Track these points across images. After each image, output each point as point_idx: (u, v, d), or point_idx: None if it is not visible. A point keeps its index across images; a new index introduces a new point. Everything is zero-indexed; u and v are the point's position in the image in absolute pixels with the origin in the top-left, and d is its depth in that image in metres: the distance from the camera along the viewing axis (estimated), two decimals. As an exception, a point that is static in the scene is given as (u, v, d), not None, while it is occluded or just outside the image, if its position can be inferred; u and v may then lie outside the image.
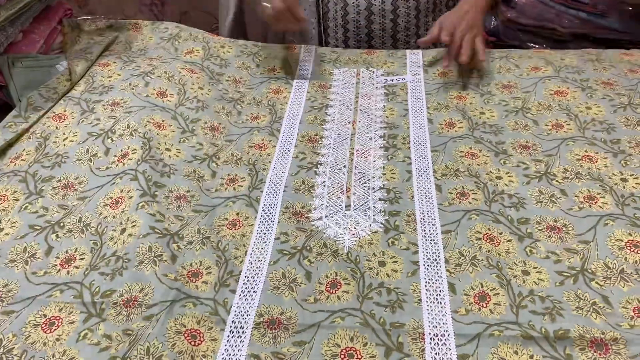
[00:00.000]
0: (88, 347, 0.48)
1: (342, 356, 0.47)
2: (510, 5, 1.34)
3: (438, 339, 0.48)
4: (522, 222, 0.60)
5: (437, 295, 0.53)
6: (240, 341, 0.49)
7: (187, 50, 0.94)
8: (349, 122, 0.80)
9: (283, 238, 0.60)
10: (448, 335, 0.49)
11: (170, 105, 0.78)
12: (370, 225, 0.61)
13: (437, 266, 0.56)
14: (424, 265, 0.56)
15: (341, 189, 0.67)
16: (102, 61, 0.89)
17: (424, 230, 0.60)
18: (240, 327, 0.50)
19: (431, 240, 0.59)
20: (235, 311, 0.52)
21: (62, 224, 0.60)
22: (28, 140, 0.73)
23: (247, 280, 0.55)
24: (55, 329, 0.50)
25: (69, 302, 0.52)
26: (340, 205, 0.64)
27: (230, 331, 0.50)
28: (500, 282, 0.53)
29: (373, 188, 0.67)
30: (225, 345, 0.49)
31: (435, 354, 0.47)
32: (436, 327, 0.50)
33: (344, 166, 0.71)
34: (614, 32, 1.54)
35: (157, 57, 0.91)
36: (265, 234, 0.60)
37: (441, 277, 0.55)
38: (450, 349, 0.48)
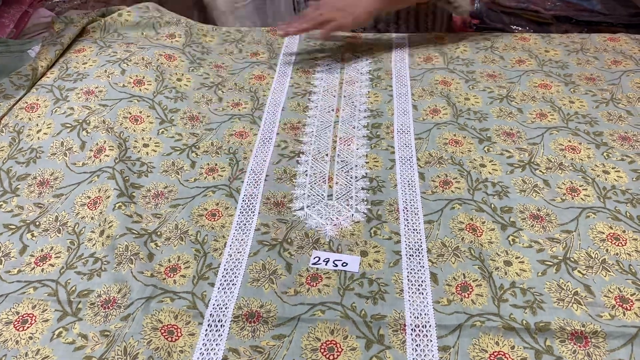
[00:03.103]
0: (62, 345, 0.47)
1: (322, 350, 0.47)
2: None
3: (419, 330, 0.48)
4: (505, 210, 0.60)
5: (419, 285, 0.52)
6: (219, 335, 0.48)
7: (169, 34, 0.91)
8: (333, 110, 0.78)
9: (263, 229, 0.59)
10: (429, 326, 0.48)
11: (147, 94, 0.76)
12: (353, 215, 0.60)
13: (419, 256, 0.55)
14: (407, 255, 0.55)
15: (323, 178, 0.66)
16: (76, 47, 0.86)
17: (407, 220, 0.59)
18: (219, 321, 0.49)
19: (414, 229, 0.58)
20: (214, 304, 0.51)
21: (37, 223, 0.59)
22: (1, 135, 0.70)
23: (227, 273, 0.54)
24: (28, 327, 0.48)
25: (42, 300, 0.51)
26: (322, 194, 0.63)
27: (208, 325, 0.49)
28: (483, 274, 0.53)
29: (355, 177, 0.66)
30: (204, 339, 0.48)
31: (417, 345, 0.47)
32: (417, 318, 0.49)
33: (327, 155, 0.69)
34: (595, 14, 1.54)
35: (135, 42, 0.89)
36: (245, 225, 0.59)
37: (423, 267, 0.54)
38: (431, 341, 0.47)
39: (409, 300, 0.51)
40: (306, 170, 0.67)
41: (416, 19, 1.02)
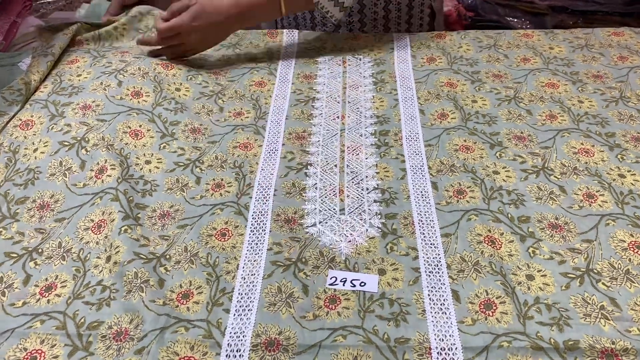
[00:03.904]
0: (75, 383, 0.45)
1: (347, 378, 0.45)
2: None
3: (445, 354, 0.47)
4: (522, 220, 0.59)
5: (441, 304, 0.51)
6: (238, 366, 0.46)
7: None
8: (338, 117, 0.76)
9: (276, 249, 0.57)
10: (455, 348, 0.47)
11: (146, 106, 0.73)
12: (367, 230, 0.59)
13: (439, 272, 0.54)
14: (426, 272, 0.54)
15: (334, 191, 0.64)
16: (69, 58, 0.83)
17: (423, 234, 0.58)
18: (237, 350, 0.47)
19: (431, 244, 0.56)
20: (231, 332, 0.49)
21: (40, 250, 0.56)
22: None
23: (241, 298, 0.52)
24: (37, 365, 0.46)
25: (50, 334, 0.48)
26: (334, 209, 0.61)
27: (226, 355, 0.47)
28: (506, 290, 0.51)
29: (367, 189, 0.64)
30: (223, 371, 0.46)
31: (443, 369, 0.46)
32: (442, 340, 0.48)
33: (335, 165, 0.67)
34: (591, 3, 1.52)
35: (129, 50, 0.86)
36: (257, 244, 0.57)
37: (444, 284, 0.52)
38: (458, 364, 0.46)
39: (433, 321, 0.49)
40: (315, 183, 0.65)
41: (385, 20, 1.00)
